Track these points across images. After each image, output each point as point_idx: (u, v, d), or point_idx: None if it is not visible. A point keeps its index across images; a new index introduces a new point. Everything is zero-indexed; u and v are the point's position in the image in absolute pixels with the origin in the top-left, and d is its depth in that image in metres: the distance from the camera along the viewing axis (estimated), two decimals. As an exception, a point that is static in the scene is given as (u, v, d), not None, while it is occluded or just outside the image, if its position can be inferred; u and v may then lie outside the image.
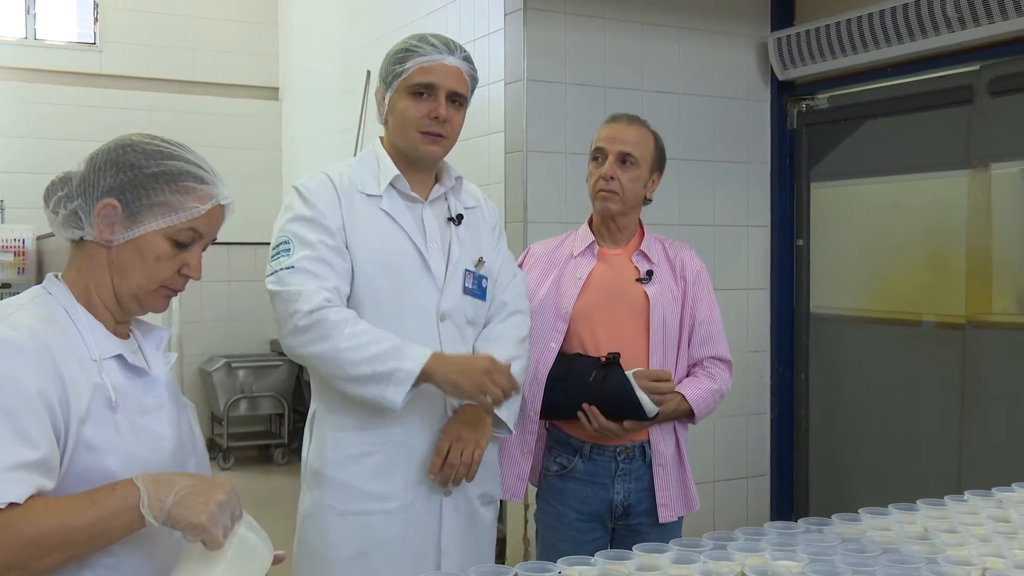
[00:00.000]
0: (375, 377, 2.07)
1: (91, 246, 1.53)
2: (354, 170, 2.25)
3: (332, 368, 2.11)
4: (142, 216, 1.50)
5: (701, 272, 2.67)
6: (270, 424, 7.15)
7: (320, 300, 2.10)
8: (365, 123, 6.49)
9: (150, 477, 1.37)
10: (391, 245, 2.20)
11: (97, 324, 1.52)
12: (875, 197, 4.19)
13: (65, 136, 8.34)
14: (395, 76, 2.20)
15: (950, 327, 3.84)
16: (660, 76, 4.20)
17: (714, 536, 1.76)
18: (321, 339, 2.09)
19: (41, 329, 1.42)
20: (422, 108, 2.18)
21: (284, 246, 2.16)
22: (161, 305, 1.58)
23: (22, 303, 1.47)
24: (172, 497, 1.36)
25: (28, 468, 1.33)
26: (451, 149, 2.27)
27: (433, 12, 5.20)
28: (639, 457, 2.56)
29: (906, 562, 1.62)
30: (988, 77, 3.71)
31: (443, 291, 2.23)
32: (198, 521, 1.35)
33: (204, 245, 1.57)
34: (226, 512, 1.38)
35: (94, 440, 1.43)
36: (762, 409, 4.51)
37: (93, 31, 8.59)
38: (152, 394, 1.56)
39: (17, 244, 8.14)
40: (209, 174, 1.55)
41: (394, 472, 2.19)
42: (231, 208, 1.58)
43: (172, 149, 1.54)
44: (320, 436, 2.24)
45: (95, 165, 1.52)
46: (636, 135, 2.58)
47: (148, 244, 1.50)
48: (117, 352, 1.53)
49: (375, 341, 2.09)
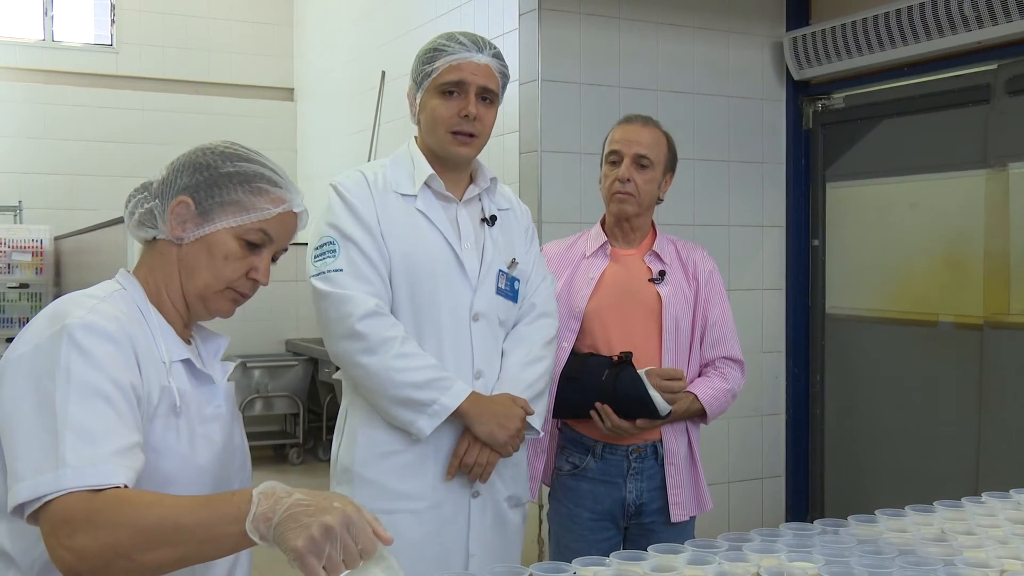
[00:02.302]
0: (412, 403, 2.10)
1: (163, 244, 1.54)
2: (388, 170, 2.25)
3: (374, 383, 2.12)
4: (213, 214, 1.51)
5: (713, 272, 2.67)
6: (285, 424, 7.17)
7: (372, 306, 2.11)
8: (380, 123, 6.51)
9: (267, 490, 1.24)
10: (426, 244, 2.20)
11: (167, 326, 1.53)
12: (891, 197, 4.17)
13: (82, 137, 8.41)
14: (425, 76, 2.19)
15: (968, 328, 3.81)
16: (675, 76, 4.20)
17: (729, 537, 1.75)
18: (370, 352, 2.10)
19: (125, 321, 1.43)
20: (452, 107, 2.17)
21: (330, 247, 2.16)
22: (228, 309, 1.57)
23: (102, 295, 1.47)
24: (279, 515, 1.20)
25: (131, 453, 1.33)
26: (483, 147, 2.26)
27: (448, 12, 5.20)
28: (651, 456, 2.57)
29: (923, 564, 1.61)
30: (1006, 76, 3.68)
31: (476, 291, 2.22)
32: (293, 545, 1.18)
33: (275, 252, 1.57)
34: (333, 540, 1.18)
35: (155, 441, 1.43)
36: (777, 410, 4.50)
37: (110, 33, 8.65)
38: (213, 403, 1.56)
39: (35, 244, 8.20)
40: (284, 180, 1.56)
41: (423, 471, 2.18)
42: (304, 217, 1.59)
43: (249, 153, 1.56)
44: (351, 433, 2.24)
45: (174, 167, 1.54)
46: (651, 137, 2.58)
47: (218, 242, 1.51)
48: (185, 356, 1.53)
49: (421, 368, 2.11)
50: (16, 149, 8.29)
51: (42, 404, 1.32)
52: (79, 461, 1.28)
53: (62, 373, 1.33)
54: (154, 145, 7.80)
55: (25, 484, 1.28)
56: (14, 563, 1.40)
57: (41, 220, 8.30)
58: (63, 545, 1.25)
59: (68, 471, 1.27)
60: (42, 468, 1.28)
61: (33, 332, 1.40)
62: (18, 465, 1.30)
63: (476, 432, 2.15)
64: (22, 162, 8.31)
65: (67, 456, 1.28)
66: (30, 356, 1.36)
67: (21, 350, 1.38)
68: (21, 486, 1.28)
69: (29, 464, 1.29)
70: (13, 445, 1.32)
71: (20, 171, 8.32)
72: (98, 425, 1.31)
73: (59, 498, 1.26)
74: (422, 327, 2.16)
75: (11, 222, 8.33)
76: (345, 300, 2.11)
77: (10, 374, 1.36)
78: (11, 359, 1.38)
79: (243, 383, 6.71)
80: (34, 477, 1.27)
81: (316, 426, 6.98)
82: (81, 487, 1.27)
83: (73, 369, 1.33)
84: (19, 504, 1.28)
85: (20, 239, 8.17)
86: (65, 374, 1.33)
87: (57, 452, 1.28)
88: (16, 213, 8.35)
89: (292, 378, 6.88)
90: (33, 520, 1.30)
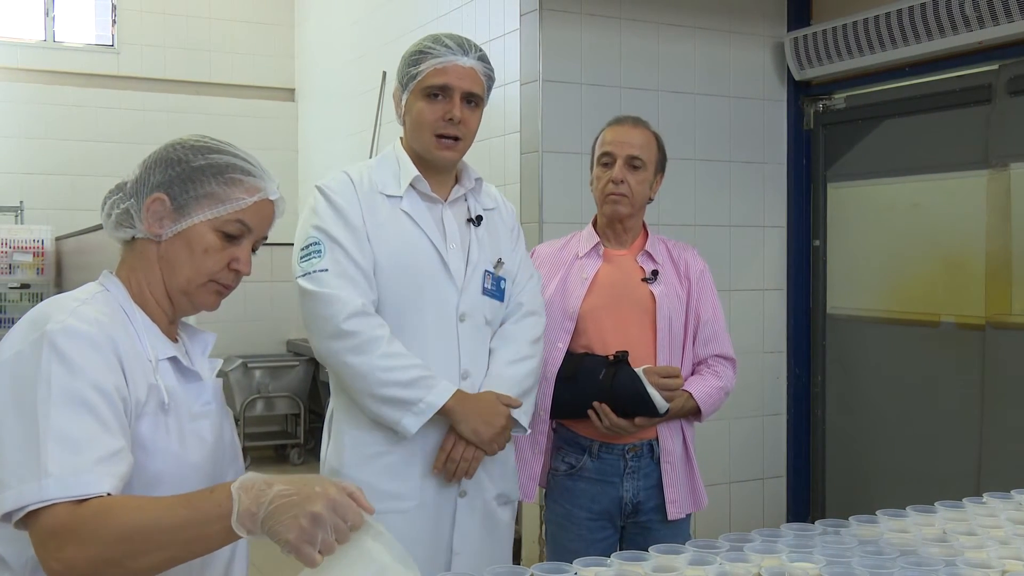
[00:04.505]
0: (398, 402, 2.12)
1: (142, 243, 1.54)
2: (374, 171, 2.26)
3: (360, 382, 2.13)
4: (190, 208, 1.51)
5: (704, 272, 2.69)
6: (286, 424, 7.17)
7: (358, 306, 2.12)
8: (381, 124, 6.51)
9: (247, 483, 1.25)
10: (411, 245, 2.21)
11: (152, 325, 1.52)
12: (893, 197, 4.17)
13: (83, 137, 8.41)
14: (410, 78, 2.20)
15: (970, 328, 3.81)
16: (676, 76, 4.20)
17: (730, 537, 1.75)
18: (356, 351, 2.11)
19: (107, 323, 1.43)
20: (437, 110, 2.18)
21: (315, 247, 2.16)
22: (212, 302, 1.57)
23: (84, 298, 1.47)
24: (264, 509, 1.23)
25: (115, 459, 1.33)
26: (467, 151, 2.27)
27: (449, 13, 5.21)
28: (647, 455, 2.58)
29: (924, 564, 1.60)
30: (1007, 76, 3.68)
31: (462, 291, 2.23)
32: (286, 538, 1.22)
33: (254, 242, 1.57)
34: (323, 526, 1.22)
35: (144, 440, 1.43)
36: (778, 410, 4.50)
37: (111, 33, 8.66)
38: (201, 400, 1.56)
39: (36, 244, 8.20)
40: (257, 168, 1.56)
41: (409, 471, 2.20)
42: (280, 205, 1.59)
43: (220, 144, 1.57)
44: (338, 435, 2.25)
45: (146, 165, 1.55)
46: (642, 138, 2.60)
47: (196, 236, 1.51)
48: (172, 354, 1.53)
49: (407, 367, 2.12)
50: (17, 149, 8.29)
51: (24, 412, 1.32)
52: (62, 471, 1.28)
53: (43, 381, 1.33)
54: (155, 145, 7.67)
55: (10, 493, 1.28)
56: (7, 565, 1.40)
57: (42, 220, 8.30)
58: (53, 557, 1.26)
59: (51, 481, 1.27)
60: (25, 477, 1.28)
61: (16, 337, 1.40)
62: (3, 473, 1.30)
63: (460, 430, 2.16)
64: (23, 162, 8.31)
65: (49, 466, 1.28)
66: (11, 363, 1.36)
67: (6, 355, 1.38)
68: (7, 495, 1.28)
69: (14, 472, 1.29)
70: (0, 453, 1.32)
71: (21, 171, 8.32)
72: (81, 433, 1.31)
73: (44, 509, 1.27)
74: (408, 328, 2.17)
75: (12, 222, 8.33)
76: (331, 300, 2.11)
77: None
78: None
79: (244, 383, 6.71)
80: (18, 486, 1.28)
81: (317, 426, 6.91)
82: (64, 498, 1.27)
83: (54, 377, 1.33)
84: (6, 512, 1.29)
85: (21, 239, 8.17)
86: (46, 382, 1.32)
87: (39, 462, 1.28)
88: (17, 213, 8.35)
89: (293, 378, 6.88)
90: (22, 526, 1.30)
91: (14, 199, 8.31)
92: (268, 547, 1.26)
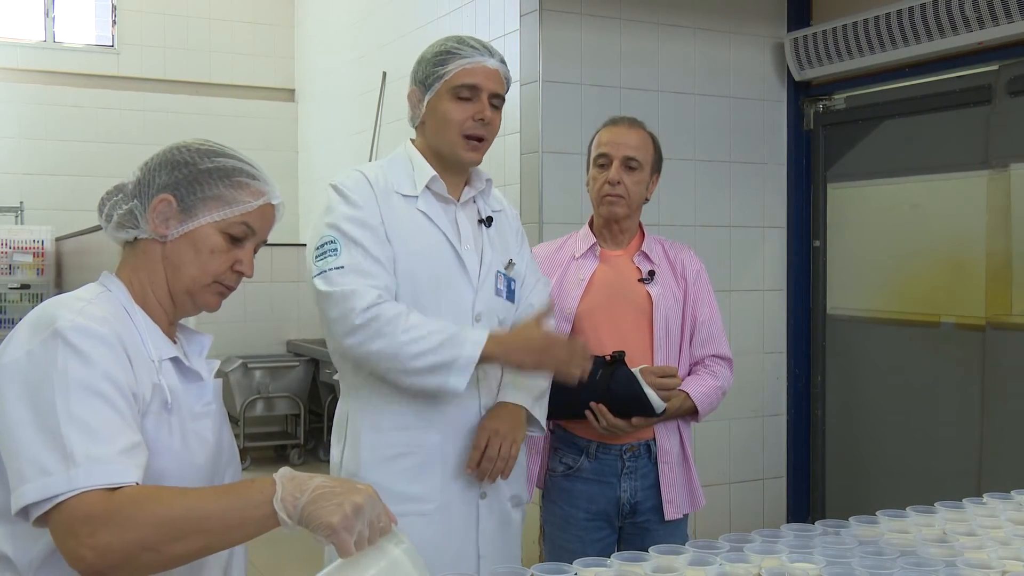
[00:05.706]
0: (435, 367, 2.07)
1: (145, 244, 1.55)
2: (387, 171, 2.24)
3: (392, 363, 2.09)
4: (196, 209, 1.53)
5: (701, 272, 2.69)
6: (286, 425, 7.17)
7: (373, 297, 2.09)
8: (381, 124, 6.51)
9: (288, 474, 1.31)
10: (429, 245, 2.20)
11: (153, 325, 1.53)
12: (893, 198, 4.17)
13: (83, 138, 8.42)
14: (436, 78, 2.18)
15: (970, 328, 3.81)
16: (676, 77, 4.20)
17: (730, 538, 1.75)
18: (378, 336, 2.08)
19: (114, 322, 1.44)
20: (466, 110, 2.17)
21: (331, 245, 2.14)
22: (214, 302, 1.59)
23: (88, 297, 1.48)
24: (307, 495, 1.28)
25: (137, 451, 1.35)
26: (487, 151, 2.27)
27: (449, 13, 5.21)
28: (645, 455, 2.58)
29: (924, 565, 1.61)
30: (1007, 77, 3.68)
31: (478, 292, 2.23)
32: (329, 521, 1.26)
33: (256, 244, 1.59)
34: (362, 518, 1.28)
35: (148, 438, 1.43)
36: (778, 410, 4.50)
37: (111, 34, 8.66)
38: (202, 400, 1.57)
39: (36, 245, 8.21)
40: (260, 173, 1.59)
41: (430, 473, 2.17)
42: (281, 209, 1.61)
43: (224, 149, 1.58)
44: (354, 438, 2.22)
45: (149, 167, 1.56)
46: (638, 139, 2.60)
47: (202, 237, 1.53)
48: (173, 354, 1.54)
49: (432, 332, 2.08)
50: (17, 150, 8.30)
51: (43, 408, 1.32)
52: (89, 460, 1.29)
53: (60, 376, 1.33)
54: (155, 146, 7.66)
55: (32, 486, 1.28)
56: (12, 564, 1.40)
57: (42, 221, 8.31)
58: (84, 544, 1.26)
59: (79, 471, 1.28)
60: (49, 469, 1.28)
61: (23, 337, 1.40)
62: (23, 468, 1.30)
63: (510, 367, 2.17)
64: (23, 163, 8.32)
65: (76, 456, 1.29)
66: (24, 362, 1.37)
67: (13, 355, 1.38)
68: (27, 488, 1.28)
69: (35, 466, 1.29)
70: (14, 450, 1.32)
71: (21, 172, 8.33)
72: (102, 425, 1.33)
73: (74, 498, 1.27)
74: None
75: (12, 223, 8.34)
76: (347, 296, 2.09)
77: (4, 381, 1.36)
78: (3, 364, 1.38)
79: (244, 384, 6.71)
80: (41, 479, 1.28)
81: (317, 427, 6.98)
82: (95, 486, 1.28)
83: (71, 371, 1.34)
84: (25, 506, 1.28)
85: (21, 240, 8.18)
86: (63, 377, 1.33)
87: (65, 452, 1.29)
88: (17, 214, 8.35)
89: (293, 379, 6.88)
90: (41, 523, 1.30)
91: (14, 199, 8.32)
92: (268, 548, 1.27)
